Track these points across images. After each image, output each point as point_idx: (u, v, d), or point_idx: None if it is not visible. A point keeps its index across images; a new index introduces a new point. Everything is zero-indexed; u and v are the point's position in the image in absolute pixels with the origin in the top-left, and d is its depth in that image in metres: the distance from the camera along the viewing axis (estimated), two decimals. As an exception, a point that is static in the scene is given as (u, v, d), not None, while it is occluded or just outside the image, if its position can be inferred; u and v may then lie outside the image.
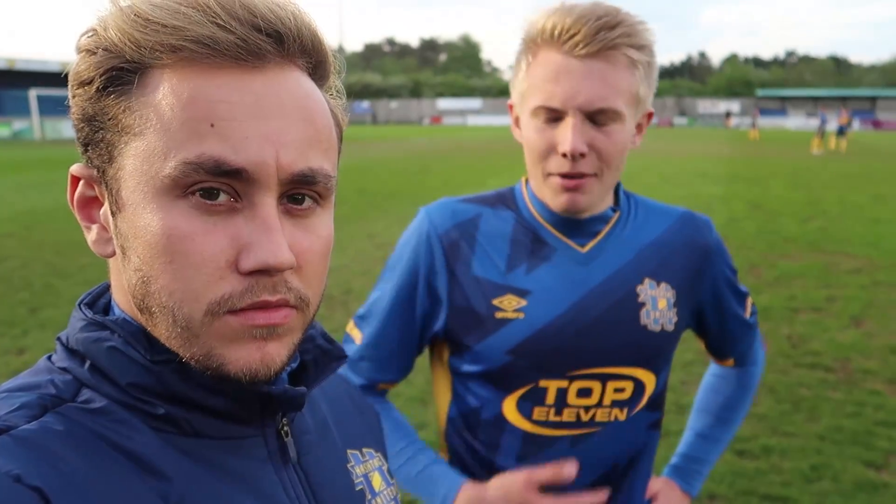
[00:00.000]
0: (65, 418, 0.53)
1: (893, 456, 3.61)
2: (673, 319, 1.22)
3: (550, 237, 1.21)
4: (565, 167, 1.11)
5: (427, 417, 3.92)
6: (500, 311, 1.17)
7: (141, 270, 0.53)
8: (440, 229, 1.21)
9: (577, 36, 1.05)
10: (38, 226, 9.72)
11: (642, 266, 1.22)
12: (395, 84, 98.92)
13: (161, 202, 0.52)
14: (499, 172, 17.55)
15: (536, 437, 1.19)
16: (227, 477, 0.57)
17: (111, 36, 0.52)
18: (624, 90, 1.08)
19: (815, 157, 24.23)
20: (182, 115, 0.51)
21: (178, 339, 0.54)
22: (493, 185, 15.14)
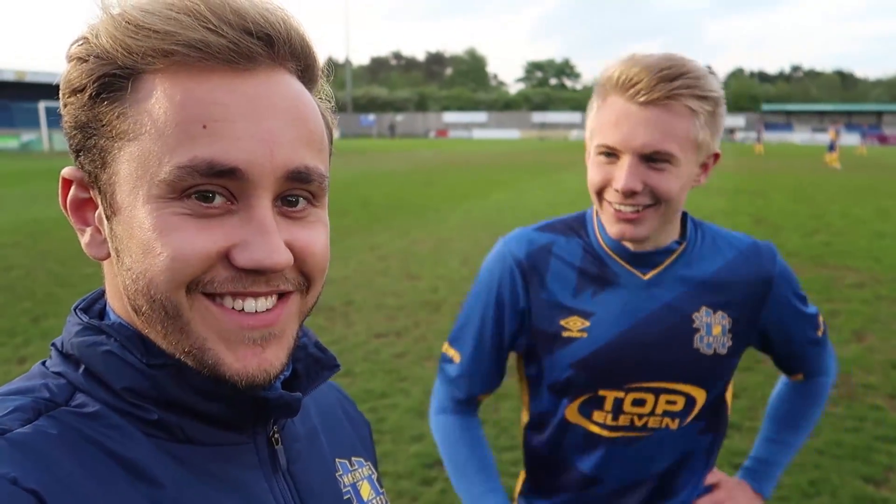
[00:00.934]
0: (58, 422, 0.53)
1: (893, 471, 3.58)
2: (727, 344, 1.34)
3: (615, 265, 1.34)
4: (619, 200, 1.23)
5: (424, 429, 3.91)
6: (566, 330, 1.33)
7: (132, 269, 0.54)
8: (518, 256, 1.37)
9: (640, 84, 1.17)
10: (42, 235, 9.79)
11: (701, 296, 1.33)
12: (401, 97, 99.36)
13: (156, 204, 0.53)
14: (503, 186, 17.58)
15: (595, 436, 1.36)
16: (217, 484, 0.58)
17: (103, 43, 0.53)
18: (680, 136, 1.19)
19: (826, 171, 24.18)
20: (175, 118, 0.52)
21: (172, 335, 0.55)
22: (497, 198, 15.40)
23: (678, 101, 1.17)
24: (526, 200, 14.54)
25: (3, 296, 6.61)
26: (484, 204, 13.86)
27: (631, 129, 1.18)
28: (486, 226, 10.90)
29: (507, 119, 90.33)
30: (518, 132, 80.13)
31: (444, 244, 9.60)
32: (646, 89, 1.16)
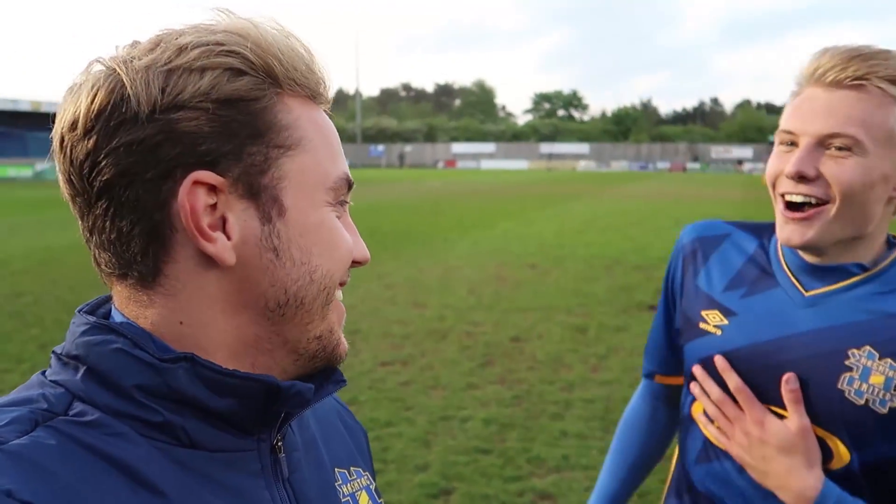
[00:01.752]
0: (56, 432, 0.53)
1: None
2: (888, 402, 1.07)
3: (780, 273, 1.21)
4: (790, 187, 1.10)
5: (429, 458, 3.88)
6: (704, 322, 1.25)
7: (306, 264, 0.61)
8: (684, 240, 1.35)
9: (826, 66, 1.07)
10: (54, 262, 9.87)
11: (869, 333, 1.10)
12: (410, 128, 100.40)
13: (324, 207, 0.63)
14: (511, 215, 17.64)
15: (712, 447, 1.23)
16: (220, 490, 0.58)
17: (266, 62, 0.59)
18: (869, 122, 1.04)
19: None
20: (325, 139, 0.63)
21: (313, 322, 0.63)
22: (505, 227, 15.42)
23: (871, 83, 1.03)
24: (533, 230, 14.57)
25: (13, 322, 6.65)
26: (491, 233, 13.90)
27: (811, 110, 1.07)
28: (494, 254, 10.91)
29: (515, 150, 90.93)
30: (526, 163, 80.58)
31: (451, 273, 9.60)
32: (833, 69, 1.05)
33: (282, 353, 0.63)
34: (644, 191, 30.48)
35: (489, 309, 7.54)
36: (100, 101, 0.55)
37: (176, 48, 0.57)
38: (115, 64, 0.57)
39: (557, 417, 4.55)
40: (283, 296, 0.61)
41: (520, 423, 4.43)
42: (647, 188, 33.02)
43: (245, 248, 0.59)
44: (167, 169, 0.56)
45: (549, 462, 3.88)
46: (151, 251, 0.57)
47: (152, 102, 0.55)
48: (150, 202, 0.56)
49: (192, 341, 0.59)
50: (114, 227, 0.57)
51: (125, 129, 0.55)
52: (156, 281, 0.58)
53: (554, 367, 5.56)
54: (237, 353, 0.61)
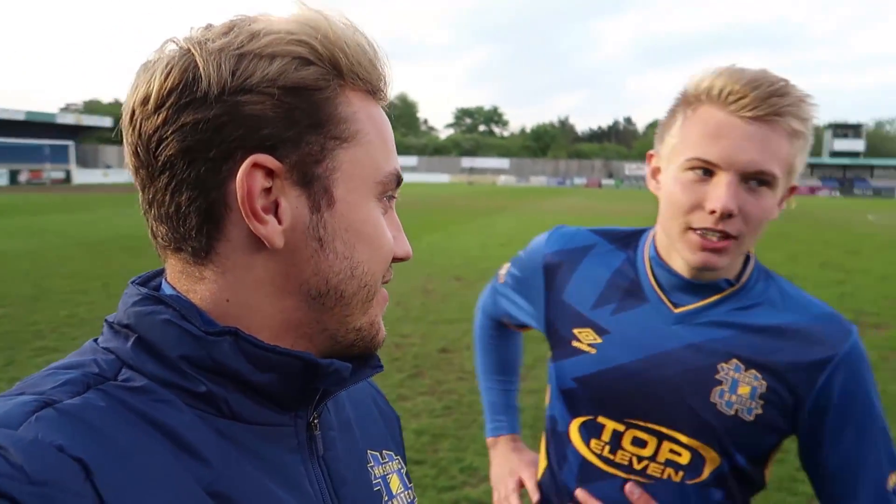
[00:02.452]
0: (106, 395, 0.55)
1: (815, 500, 3.73)
2: (754, 410, 1.13)
3: (648, 288, 1.22)
4: (709, 223, 1.08)
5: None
6: (577, 340, 1.26)
7: (349, 258, 0.62)
8: (547, 250, 1.36)
9: (746, 99, 1.05)
10: (-53, 276, 9.15)
11: (735, 346, 1.15)
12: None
13: (372, 202, 0.63)
14: (435, 228, 17.71)
15: (591, 467, 1.25)
16: (257, 461, 0.60)
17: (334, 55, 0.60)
18: (782, 158, 1.08)
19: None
20: (381, 135, 0.64)
21: (357, 313, 0.64)
22: (429, 241, 15.50)
23: (783, 120, 1.06)
24: (458, 243, 14.69)
25: None
26: (416, 245, 13.78)
27: (735, 143, 1.06)
28: (420, 267, 10.92)
29: (437, 164, 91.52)
30: (448, 177, 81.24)
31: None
32: (753, 103, 1.04)
33: (321, 338, 0.65)
34: (563, 205, 31.29)
35: (417, 321, 7.54)
36: (173, 79, 0.57)
37: (249, 34, 0.58)
38: (190, 45, 0.58)
39: (488, 426, 4.58)
40: (324, 286, 0.62)
41: (451, 433, 4.44)
42: (565, 203, 33.93)
43: (293, 234, 0.60)
44: (229, 149, 0.57)
45: (482, 471, 3.90)
46: (206, 228, 0.59)
47: (222, 84, 0.57)
48: (209, 180, 0.58)
49: (236, 319, 0.61)
50: (172, 201, 0.59)
51: (194, 107, 0.57)
52: (207, 257, 0.60)
53: (483, 377, 5.60)
54: (278, 334, 0.63)
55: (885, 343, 7.09)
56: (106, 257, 11.44)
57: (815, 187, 73.82)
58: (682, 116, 1.13)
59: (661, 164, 1.19)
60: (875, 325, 7.95)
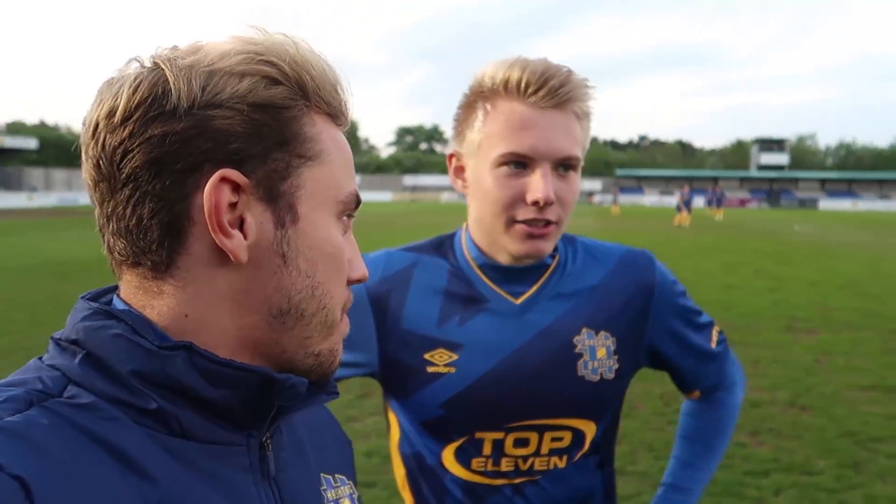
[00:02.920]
0: (50, 412, 0.53)
1: (763, 503, 3.81)
2: (613, 367, 1.21)
3: (484, 288, 1.20)
4: (532, 214, 1.11)
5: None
6: (431, 365, 1.17)
7: (311, 277, 0.62)
8: (368, 282, 1.19)
9: (543, 90, 1.09)
10: None
11: (580, 315, 1.21)
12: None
13: (333, 221, 0.64)
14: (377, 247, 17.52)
15: (477, 486, 1.19)
16: (207, 480, 0.59)
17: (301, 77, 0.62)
18: (578, 140, 1.14)
19: (676, 230, 26.33)
20: (342, 157, 0.66)
21: (316, 337, 0.64)
22: (374, 258, 15.24)
23: (574, 105, 1.12)
24: (403, 260, 14.62)
25: None
26: (361, 264, 13.76)
27: (542, 134, 1.09)
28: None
29: (379, 182, 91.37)
30: (390, 195, 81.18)
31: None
32: (549, 93, 1.09)
33: (279, 360, 0.64)
34: (506, 221, 31.54)
35: None
36: (142, 93, 0.57)
37: (219, 53, 0.60)
38: (160, 61, 0.59)
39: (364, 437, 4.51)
40: (285, 303, 0.62)
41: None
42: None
43: (257, 249, 0.60)
44: (196, 162, 0.58)
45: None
46: (167, 241, 0.59)
47: (192, 98, 0.57)
48: (174, 193, 0.58)
49: (193, 335, 0.60)
50: (134, 214, 0.58)
51: (162, 120, 0.57)
52: (167, 271, 0.60)
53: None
54: (235, 352, 0.62)
55: (818, 347, 7.37)
56: (32, 284, 10.88)
57: (744, 199, 76.96)
58: (482, 112, 1.14)
59: (466, 163, 1.19)
60: (807, 329, 8.25)
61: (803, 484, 4.03)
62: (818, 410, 5.32)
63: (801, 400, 5.55)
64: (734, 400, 1.43)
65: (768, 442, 4.67)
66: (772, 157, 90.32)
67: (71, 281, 10.98)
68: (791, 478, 4.10)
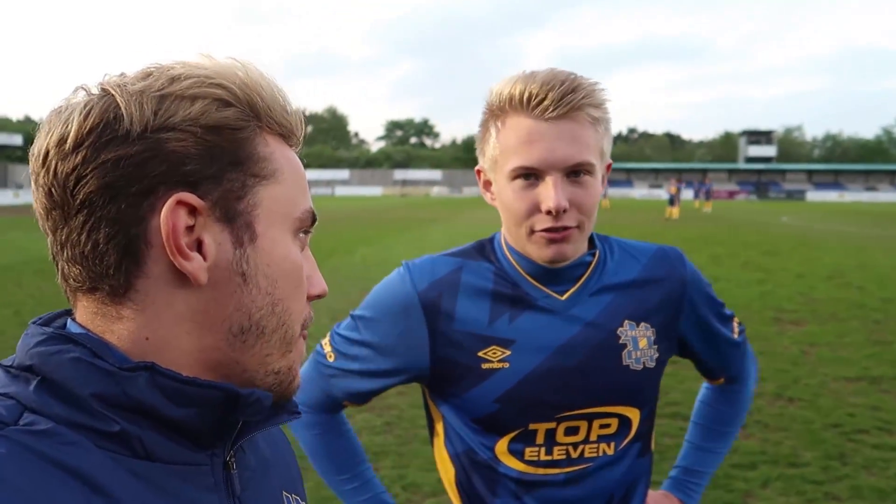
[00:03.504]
0: (7, 440, 0.52)
1: (750, 496, 3.84)
2: (654, 356, 1.29)
3: (530, 287, 1.26)
4: (549, 223, 1.16)
5: (300, 496, 3.69)
6: (486, 362, 1.23)
7: (271, 294, 0.63)
8: (419, 287, 1.26)
9: (546, 101, 1.13)
10: None
11: (621, 308, 1.27)
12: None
13: (291, 238, 0.65)
14: (369, 241, 17.58)
15: (530, 477, 1.25)
16: (174, 501, 0.58)
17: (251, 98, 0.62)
18: (592, 145, 1.17)
19: (665, 223, 26.43)
20: (294, 175, 0.66)
21: (276, 354, 0.65)
22: (364, 253, 15.41)
23: (582, 112, 1.15)
24: (392, 255, 14.60)
25: None
26: (351, 259, 13.75)
27: (548, 145, 1.14)
28: (355, 281, 10.78)
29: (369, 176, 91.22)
30: (380, 189, 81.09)
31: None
32: (552, 104, 1.13)
33: (240, 379, 0.64)
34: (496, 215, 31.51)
35: None
36: (93, 119, 0.57)
37: (168, 78, 0.60)
38: (109, 87, 0.59)
39: (430, 442, 4.52)
40: (246, 321, 0.62)
41: (393, 450, 4.35)
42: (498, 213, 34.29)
43: (216, 270, 0.60)
44: (151, 185, 0.57)
45: (425, 487, 3.83)
46: (125, 265, 0.58)
47: (144, 122, 0.57)
48: (129, 216, 0.57)
49: (154, 357, 0.59)
50: (89, 239, 0.58)
51: (115, 144, 0.57)
52: (126, 295, 0.59)
53: (423, 392, 5.53)
54: (196, 373, 0.62)
55: (805, 338, 7.43)
56: (17, 282, 10.79)
57: (733, 191, 77.39)
58: (494, 129, 1.21)
59: (490, 177, 1.26)
60: (794, 321, 8.32)
61: (790, 476, 4.06)
62: (804, 402, 5.36)
63: (787, 392, 5.59)
64: (748, 391, 1.53)
65: (755, 434, 4.70)
66: (760, 150, 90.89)
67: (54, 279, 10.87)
68: (778, 470, 4.14)
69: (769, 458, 4.28)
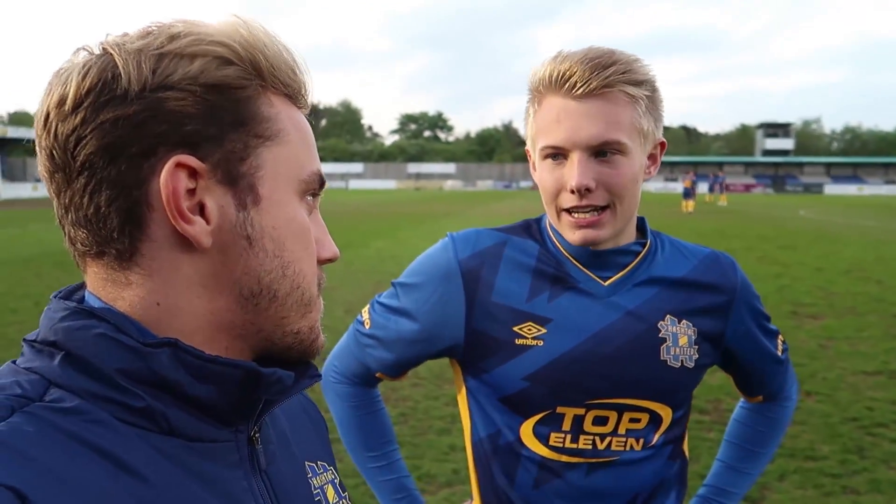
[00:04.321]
0: (34, 418, 0.52)
1: (767, 489, 3.83)
2: (693, 357, 1.24)
3: (573, 269, 1.24)
4: (574, 201, 1.15)
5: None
6: (520, 337, 1.21)
7: (280, 257, 0.62)
8: (461, 255, 1.26)
9: (574, 78, 1.11)
10: None
11: (664, 302, 1.24)
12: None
13: (297, 201, 0.64)
14: (383, 235, 17.60)
15: (552, 463, 1.22)
16: (199, 478, 0.58)
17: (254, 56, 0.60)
18: (626, 124, 1.14)
19: (681, 215, 26.25)
20: (301, 136, 0.64)
21: (293, 316, 0.64)
22: (378, 247, 15.44)
23: (615, 89, 1.12)
24: (406, 248, 14.61)
25: None
26: (365, 252, 13.77)
27: (573, 124, 1.13)
28: (369, 274, 10.81)
29: (382, 170, 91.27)
30: (394, 182, 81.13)
31: (326, 294, 9.21)
32: (581, 81, 1.11)
33: (255, 339, 0.64)
34: (510, 208, 31.58)
35: None
36: (91, 80, 0.56)
37: (168, 35, 0.58)
38: (108, 46, 0.58)
39: (445, 432, 4.54)
40: (255, 285, 0.61)
41: (408, 441, 4.37)
42: (512, 206, 34.25)
43: (221, 233, 0.59)
44: (151, 146, 0.56)
45: (440, 478, 3.85)
46: (128, 228, 0.57)
47: (142, 81, 0.56)
48: (130, 178, 0.57)
49: (168, 323, 0.59)
50: (91, 202, 0.57)
51: (114, 104, 0.56)
52: (132, 260, 0.58)
53: (437, 383, 5.56)
54: (212, 336, 0.61)
55: (823, 332, 7.36)
56: (37, 274, 10.93)
57: (749, 185, 76.66)
58: (532, 110, 1.21)
59: (532, 158, 1.25)
60: (812, 315, 8.25)
61: (807, 469, 4.04)
62: (822, 396, 5.33)
63: (805, 385, 5.54)
64: (788, 412, 1.48)
65: (772, 427, 4.68)
66: (777, 143, 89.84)
67: (73, 271, 10.91)
68: (795, 463, 4.11)
69: (786, 452, 4.25)
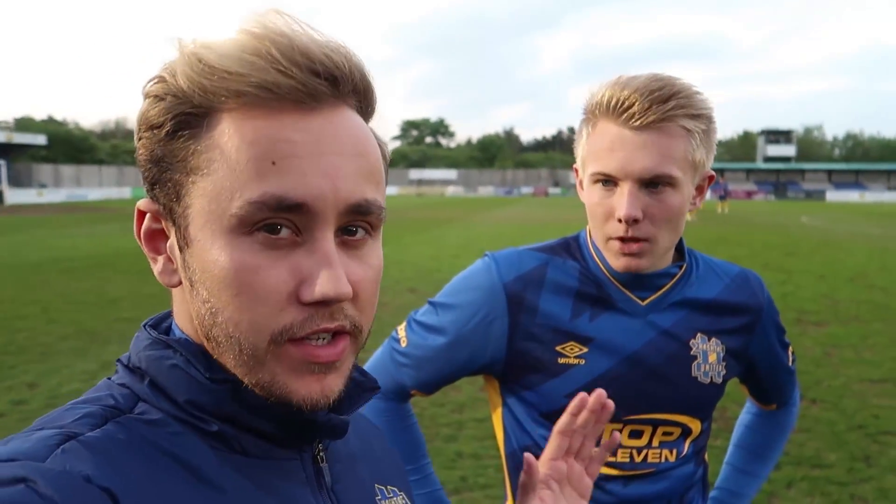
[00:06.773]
0: (125, 427, 0.56)
1: (774, 497, 3.83)
2: (721, 373, 1.30)
3: (613, 289, 1.27)
4: (621, 231, 1.17)
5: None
6: (562, 356, 1.25)
7: (209, 302, 0.57)
8: (505, 278, 1.27)
9: (633, 108, 1.12)
10: None
11: (696, 321, 1.29)
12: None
13: (228, 239, 0.55)
14: (386, 241, 17.10)
15: None
16: (271, 495, 0.60)
17: (180, 83, 0.55)
18: (679, 157, 1.14)
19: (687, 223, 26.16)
20: (246, 155, 0.54)
21: (243, 367, 0.58)
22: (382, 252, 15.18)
23: (673, 123, 1.12)
24: (410, 255, 14.63)
25: None
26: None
27: (628, 155, 1.13)
28: (373, 280, 10.82)
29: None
30: (396, 188, 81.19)
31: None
32: (639, 113, 1.11)
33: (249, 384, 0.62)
34: (512, 215, 31.59)
35: (373, 335, 7.16)
36: None
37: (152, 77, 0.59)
38: None
39: (451, 439, 4.55)
40: (201, 329, 0.60)
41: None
42: (514, 212, 34.25)
43: (183, 272, 0.60)
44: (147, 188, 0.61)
45: (448, 485, 3.85)
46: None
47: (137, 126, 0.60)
48: None
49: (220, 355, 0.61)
50: None
51: None
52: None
53: (444, 390, 5.54)
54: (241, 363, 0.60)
55: (827, 340, 7.36)
56: (44, 280, 10.94)
57: (751, 191, 76.57)
58: (586, 132, 1.22)
59: (581, 177, 1.27)
60: (816, 322, 8.24)
61: (815, 477, 4.04)
62: (828, 403, 5.33)
63: (810, 393, 5.55)
64: (793, 417, 1.56)
65: (778, 435, 4.68)
66: (778, 149, 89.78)
67: (80, 277, 11.04)
68: (802, 471, 4.12)
69: (793, 460, 4.26)
